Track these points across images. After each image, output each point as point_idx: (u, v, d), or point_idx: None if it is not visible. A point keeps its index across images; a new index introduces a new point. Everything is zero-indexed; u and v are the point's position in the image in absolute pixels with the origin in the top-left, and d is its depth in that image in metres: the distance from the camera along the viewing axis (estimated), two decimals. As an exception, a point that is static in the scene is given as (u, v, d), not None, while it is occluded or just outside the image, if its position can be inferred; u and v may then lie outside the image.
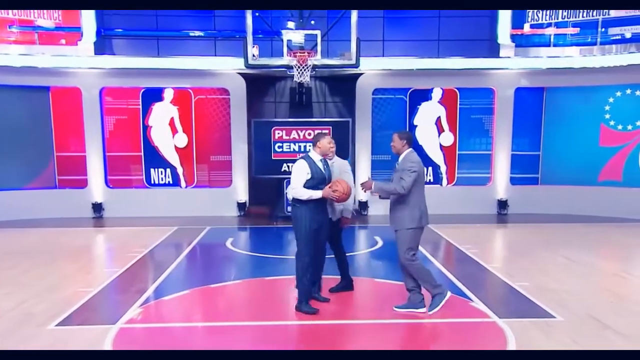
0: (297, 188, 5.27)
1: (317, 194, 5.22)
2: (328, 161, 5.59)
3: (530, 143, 12.46)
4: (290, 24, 11.04)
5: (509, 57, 11.87)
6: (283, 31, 10.69)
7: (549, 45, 12.15)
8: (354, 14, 10.43)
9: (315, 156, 5.42)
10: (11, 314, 5.49)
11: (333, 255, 5.94)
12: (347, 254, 6.05)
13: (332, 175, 5.48)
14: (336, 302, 5.66)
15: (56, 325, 5.15)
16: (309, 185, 5.27)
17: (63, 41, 12.00)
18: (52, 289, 6.37)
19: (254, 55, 10.58)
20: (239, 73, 11.60)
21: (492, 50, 12.19)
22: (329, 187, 5.25)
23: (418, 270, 5.32)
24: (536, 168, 12.49)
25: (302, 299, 5.42)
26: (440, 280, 6.61)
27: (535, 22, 12.17)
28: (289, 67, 10.61)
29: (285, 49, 10.48)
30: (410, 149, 5.36)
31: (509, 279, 6.72)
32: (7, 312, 5.54)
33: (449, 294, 5.42)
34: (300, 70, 10.34)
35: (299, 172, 5.30)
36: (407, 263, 5.27)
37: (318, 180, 5.30)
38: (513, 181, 12.48)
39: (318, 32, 10.49)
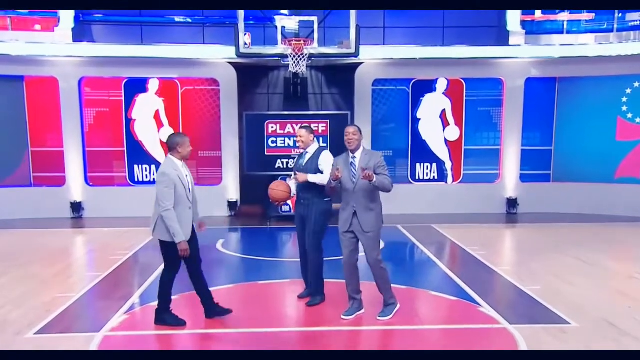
0: None
1: None
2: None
3: (541, 137, 12.52)
4: (285, 10, 11.02)
5: (518, 45, 11.92)
6: (276, 17, 10.68)
7: (562, 33, 12.21)
8: None
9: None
10: (-15, 322, 5.48)
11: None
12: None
13: (304, 168, 5.78)
14: (339, 307, 5.69)
15: (35, 334, 5.14)
16: None
17: (38, 27, 11.96)
18: (28, 295, 6.36)
19: (245, 44, 10.57)
20: (229, 62, 11.60)
21: (501, 38, 12.22)
22: None
23: (385, 274, 5.42)
24: (548, 164, 12.56)
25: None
26: (446, 285, 6.73)
27: (547, 8, 12.22)
28: (284, 56, 10.60)
29: (279, 37, 10.47)
30: None
31: (519, 283, 6.76)
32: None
33: (399, 304, 5.55)
34: (296, 59, 10.33)
35: None
36: (378, 265, 5.33)
37: (295, 170, 5.87)
38: (523, 178, 12.53)
39: (315, 19, 10.47)
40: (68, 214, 11.98)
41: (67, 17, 11.71)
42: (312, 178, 5.62)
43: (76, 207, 12.01)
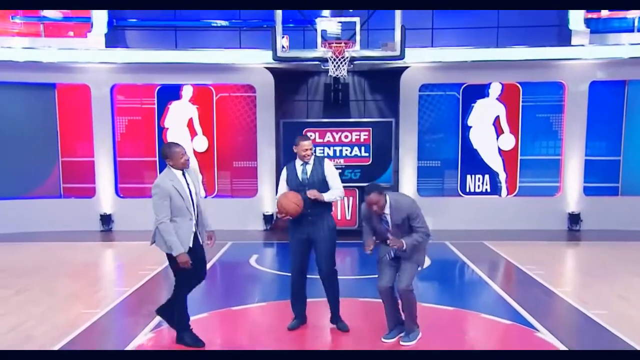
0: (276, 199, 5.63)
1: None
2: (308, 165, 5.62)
3: (608, 146, 12.15)
4: (325, 12, 11.05)
5: (582, 46, 11.61)
6: (317, 19, 10.70)
7: (632, 31, 11.89)
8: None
9: (298, 161, 5.67)
10: (7, 337, 5.61)
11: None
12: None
13: (310, 182, 5.54)
14: (377, 328, 5.60)
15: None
16: None
17: (71, 33, 12.37)
18: (53, 310, 6.51)
19: (283, 47, 10.63)
20: (266, 67, 11.69)
21: (562, 37, 11.96)
22: None
23: (413, 300, 5.29)
24: (616, 176, 12.17)
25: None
26: (500, 307, 6.55)
27: (614, 4, 11.90)
28: (323, 61, 10.60)
29: (319, 40, 10.49)
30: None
31: (582, 306, 6.55)
32: (3, 335, 5.66)
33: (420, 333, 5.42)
34: (336, 63, 10.31)
35: (280, 180, 5.78)
36: (408, 292, 5.20)
37: (293, 187, 5.57)
38: (587, 191, 12.18)
39: (357, 20, 10.45)
40: (97, 226, 12.26)
41: (100, 22, 12.07)
42: (328, 197, 5.50)
43: (106, 219, 12.29)
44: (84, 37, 12.13)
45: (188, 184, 5.22)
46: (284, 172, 5.72)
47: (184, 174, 5.24)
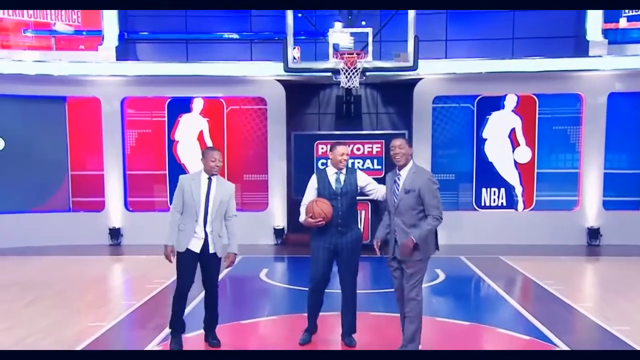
0: (302, 206, 5.54)
1: (302, 218, 5.50)
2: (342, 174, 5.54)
3: (628, 159, 12.05)
4: (338, 25, 11.06)
5: (600, 57, 11.53)
6: (329, 31, 10.71)
7: (651, 41, 11.77)
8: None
9: (330, 169, 5.61)
10: (13, 350, 5.58)
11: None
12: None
13: (344, 191, 5.47)
14: (390, 342, 5.51)
15: (62, 363, 5.20)
16: None
17: (82, 46, 12.50)
18: (59, 324, 6.50)
19: (294, 58, 10.64)
20: (277, 80, 11.72)
21: (579, 48, 11.90)
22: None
23: (417, 309, 5.03)
24: (636, 190, 12.03)
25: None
26: (517, 322, 6.44)
27: (633, 14, 11.81)
28: (335, 72, 10.59)
29: (330, 50, 10.49)
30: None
31: (603, 322, 6.43)
32: (9, 348, 5.65)
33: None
34: (348, 74, 10.31)
35: (307, 188, 5.65)
36: (416, 299, 5.00)
37: (325, 196, 5.46)
38: (607, 205, 12.03)
39: (369, 31, 10.47)
40: (106, 240, 12.27)
41: (111, 35, 12.19)
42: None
43: (115, 233, 12.30)
44: (94, 50, 12.23)
45: (209, 190, 5.44)
46: (314, 179, 5.62)
47: (210, 180, 5.46)
